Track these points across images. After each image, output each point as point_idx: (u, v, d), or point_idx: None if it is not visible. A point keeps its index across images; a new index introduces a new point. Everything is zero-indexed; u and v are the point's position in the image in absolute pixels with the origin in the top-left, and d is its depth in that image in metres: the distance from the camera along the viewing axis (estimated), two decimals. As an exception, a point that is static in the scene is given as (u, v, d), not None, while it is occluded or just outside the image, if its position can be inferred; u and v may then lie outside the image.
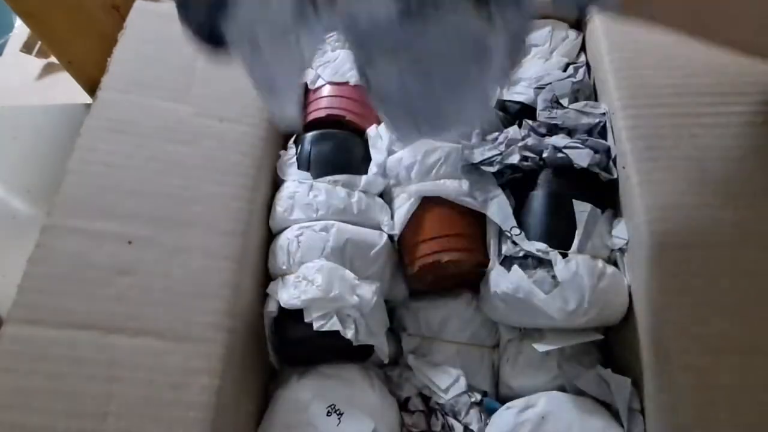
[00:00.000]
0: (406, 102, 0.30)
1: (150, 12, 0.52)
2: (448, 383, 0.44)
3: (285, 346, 0.45)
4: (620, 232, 0.45)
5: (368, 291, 0.44)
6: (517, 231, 0.45)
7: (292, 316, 0.43)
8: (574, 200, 0.45)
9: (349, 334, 0.42)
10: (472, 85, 0.30)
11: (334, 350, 0.44)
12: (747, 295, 0.39)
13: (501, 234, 0.47)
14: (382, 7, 0.27)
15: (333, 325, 0.42)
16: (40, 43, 0.85)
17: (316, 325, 0.42)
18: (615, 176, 0.46)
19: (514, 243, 0.45)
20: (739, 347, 0.37)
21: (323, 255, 0.44)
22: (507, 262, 0.45)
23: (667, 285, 0.40)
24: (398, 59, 0.29)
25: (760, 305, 0.38)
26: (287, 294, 0.43)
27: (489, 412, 0.44)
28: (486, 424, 0.43)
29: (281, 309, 0.44)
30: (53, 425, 0.35)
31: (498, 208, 0.47)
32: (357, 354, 0.44)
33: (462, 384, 0.44)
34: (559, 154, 0.47)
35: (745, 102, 0.45)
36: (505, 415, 0.42)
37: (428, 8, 0.27)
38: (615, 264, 0.45)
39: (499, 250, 0.46)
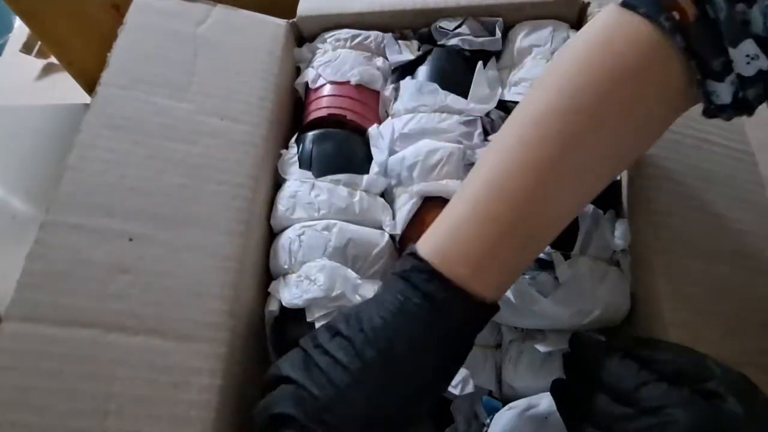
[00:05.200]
0: None
1: (150, 8, 0.52)
2: (457, 381, 0.44)
3: (286, 346, 0.45)
4: (623, 234, 0.45)
5: (370, 291, 0.43)
6: (517, 233, 0.45)
7: (294, 316, 0.43)
8: (576, 201, 0.45)
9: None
10: None
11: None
12: (751, 297, 0.39)
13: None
14: None
15: (335, 325, 0.41)
16: (40, 43, 0.85)
17: (317, 325, 0.41)
18: (617, 177, 0.46)
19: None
20: (741, 348, 0.37)
21: (325, 254, 0.44)
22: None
23: (669, 286, 0.40)
24: None
25: (763, 308, 0.38)
26: (289, 293, 0.43)
27: (488, 411, 0.44)
28: (487, 424, 0.43)
29: (283, 308, 0.43)
30: (53, 424, 0.35)
31: (499, 209, 0.47)
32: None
33: (471, 385, 0.44)
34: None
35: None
36: (507, 415, 0.42)
37: None
38: (617, 265, 0.45)
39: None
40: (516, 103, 0.52)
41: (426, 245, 0.34)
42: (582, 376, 0.34)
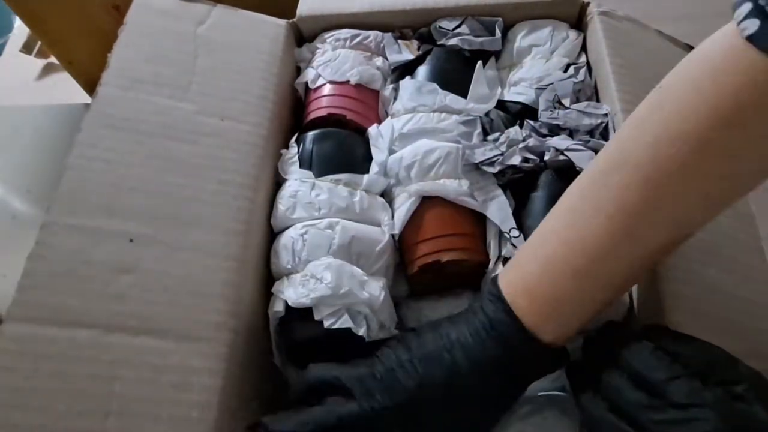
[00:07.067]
0: None
1: (150, 8, 0.52)
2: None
3: (293, 347, 0.45)
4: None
5: (376, 287, 0.44)
6: (516, 233, 0.45)
7: (300, 316, 0.42)
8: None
9: (361, 331, 0.42)
10: None
11: (344, 348, 0.43)
12: (744, 299, 0.39)
13: (501, 235, 0.47)
14: None
15: (344, 322, 0.41)
16: (40, 43, 0.86)
17: (326, 323, 0.41)
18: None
19: (514, 245, 0.45)
20: (739, 349, 0.37)
21: (330, 252, 0.44)
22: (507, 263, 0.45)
23: (667, 286, 0.40)
24: None
25: (755, 311, 0.38)
26: (295, 293, 0.42)
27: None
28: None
29: (288, 309, 0.43)
30: (53, 425, 0.35)
31: (498, 209, 0.47)
32: (366, 351, 0.43)
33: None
34: (561, 156, 0.47)
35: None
36: (506, 414, 0.42)
37: None
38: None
39: (500, 251, 0.46)
40: (516, 102, 0.53)
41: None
42: (608, 363, 0.33)
